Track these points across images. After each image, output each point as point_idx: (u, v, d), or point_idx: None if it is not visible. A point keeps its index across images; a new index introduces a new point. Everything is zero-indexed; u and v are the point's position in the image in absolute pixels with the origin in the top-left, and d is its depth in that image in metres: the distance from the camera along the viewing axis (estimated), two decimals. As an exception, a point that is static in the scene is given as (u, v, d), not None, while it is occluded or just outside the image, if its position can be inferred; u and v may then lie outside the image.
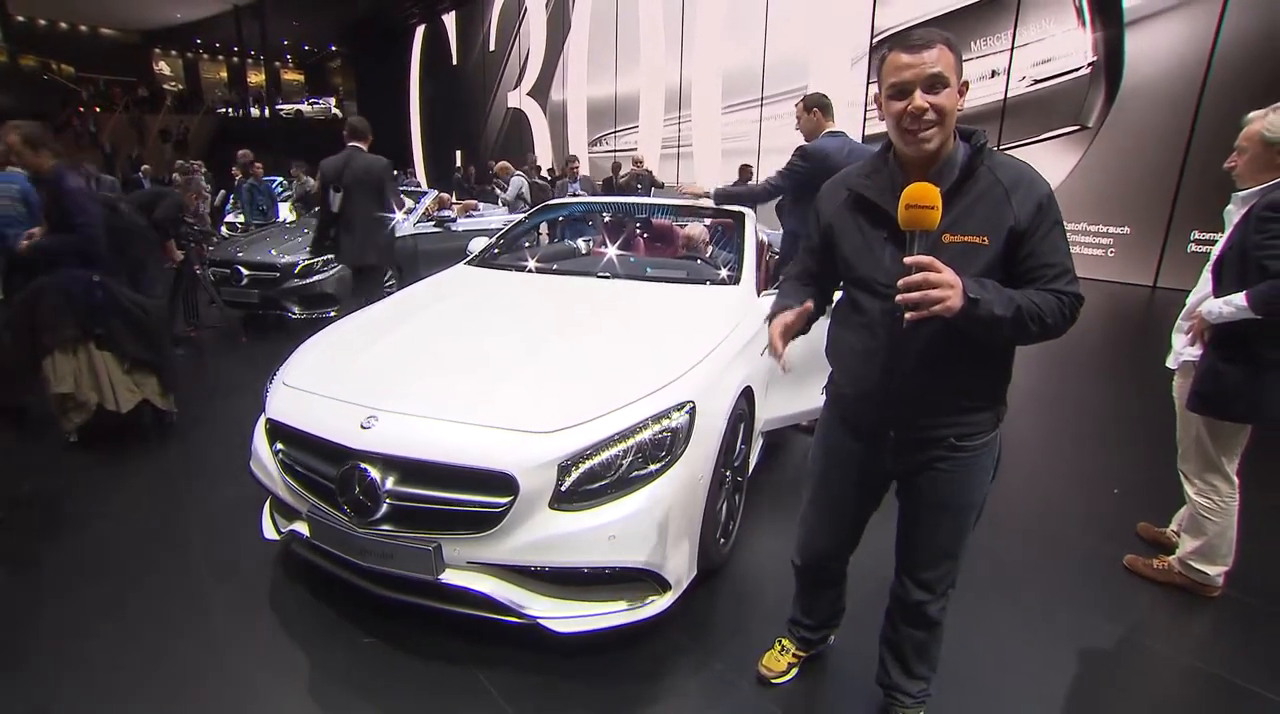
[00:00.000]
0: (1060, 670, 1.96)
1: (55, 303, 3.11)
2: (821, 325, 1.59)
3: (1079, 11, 8.66)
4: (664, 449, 1.86)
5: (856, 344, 1.41)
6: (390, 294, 3.11)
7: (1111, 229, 8.85)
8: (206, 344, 5.54)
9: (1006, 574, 2.44)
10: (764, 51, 12.71)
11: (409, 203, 7.07)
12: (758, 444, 2.80)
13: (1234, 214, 2.05)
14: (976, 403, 1.37)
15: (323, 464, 1.92)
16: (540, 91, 18.72)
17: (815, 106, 3.70)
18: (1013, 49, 9.28)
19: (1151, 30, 8.15)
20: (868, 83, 11.15)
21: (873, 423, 1.45)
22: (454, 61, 22.38)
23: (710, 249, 3.71)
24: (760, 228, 3.48)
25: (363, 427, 1.83)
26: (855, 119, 11.26)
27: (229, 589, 2.26)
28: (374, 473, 1.79)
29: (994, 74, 9.47)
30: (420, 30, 23.56)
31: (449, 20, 22.14)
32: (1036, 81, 9.13)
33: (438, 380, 2.02)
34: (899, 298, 1.16)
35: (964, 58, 1.30)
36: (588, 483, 1.78)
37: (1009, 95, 9.38)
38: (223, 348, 5.49)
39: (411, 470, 1.79)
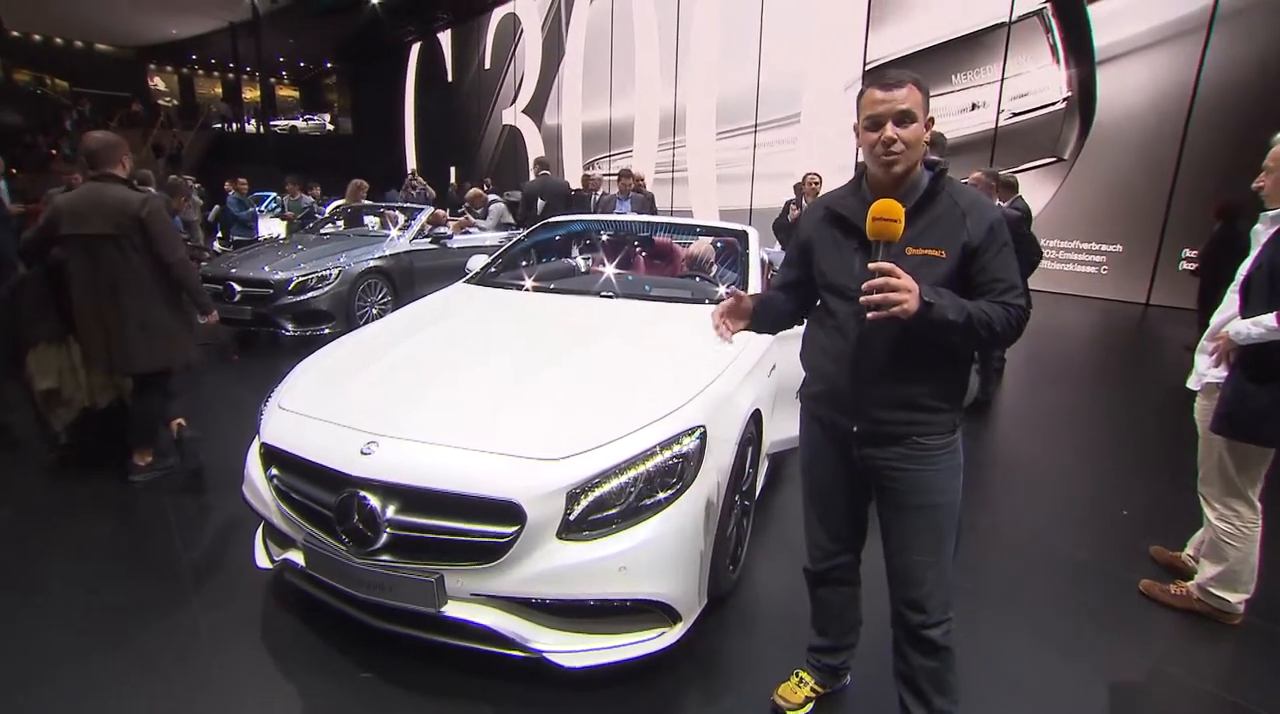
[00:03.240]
0: (1080, 699, 1.91)
1: (37, 297, 3.06)
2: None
3: (1053, 49, 9.05)
4: (675, 476, 1.80)
5: (827, 344, 1.55)
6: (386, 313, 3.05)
7: (1104, 247, 8.94)
8: (198, 361, 5.44)
9: (1019, 598, 2.38)
10: (758, 78, 12.85)
11: (403, 219, 7.06)
12: (764, 466, 2.75)
13: (1261, 234, 2.04)
14: (935, 403, 1.48)
15: (320, 491, 1.85)
16: (535, 110, 18.84)
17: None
18: (1003, 81, 9.50)
19: (1123, 68, 8.50)
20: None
21: (841, 419, 1.55)
22: (449, 79, 22.52)
23: (714, 268, 3.68)
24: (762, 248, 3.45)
25: (362, 453, 1.77)
26: (848, 148, 11.40)
27: (218, 619, 2.17)
28: (374, 501, 1.72)
29: (974, 107, 9.77)
30: (416, 47, 23.72)
31: (444, 38, 22.31)
32: (1015, 115, 9.43)
33: (440, 404, 1.96)
34: (863, 299, 1.31)
35: (948, 91, 1.43)
36: (597, 512, 1.72)
37: (984, 129, 9.64)
38: (214, 365, 5.39)
39: (413, 499, 1.73)
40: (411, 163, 24.60)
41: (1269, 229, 2.00)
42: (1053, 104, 9.11)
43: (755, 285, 3.02)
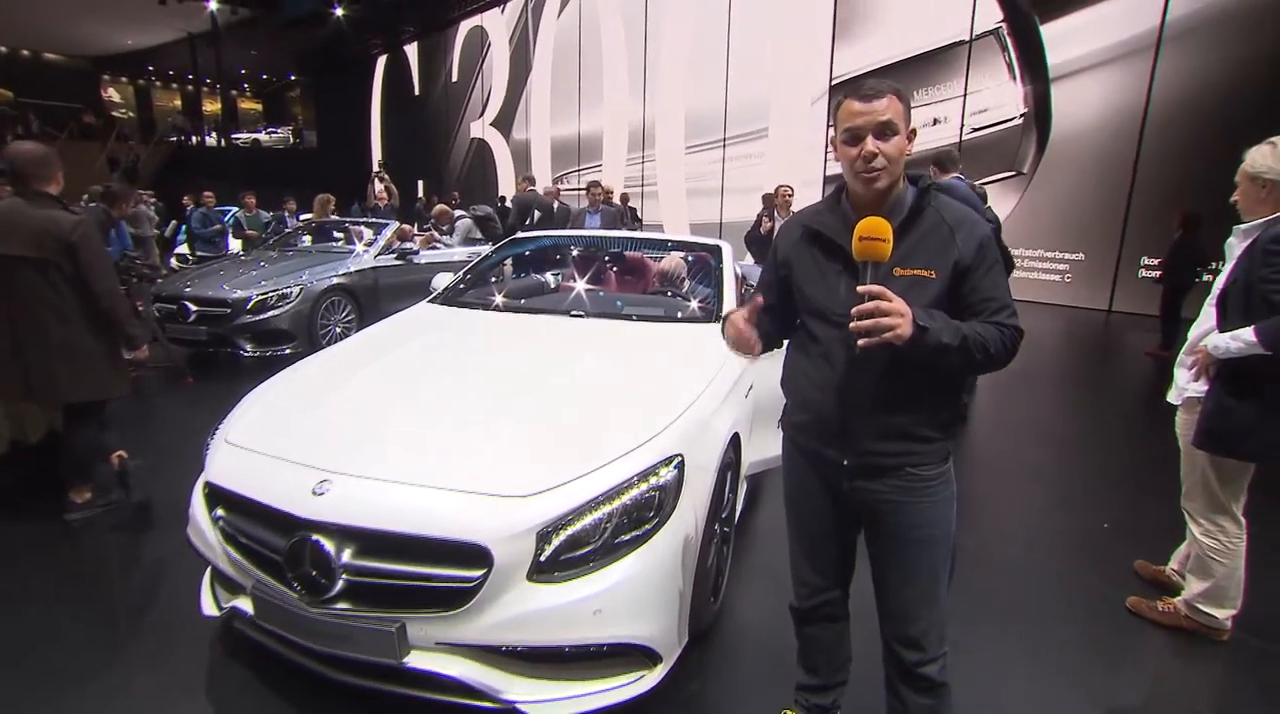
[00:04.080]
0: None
1: None
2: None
3: (1009, 67, 9.35)
4: (652, 510, 1.70)
5: (813, 373, 1.46)
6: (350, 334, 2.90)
7: (1067, 256, 9.16)
8: (149, 386, 5.18)
9: (1007, 619, 2.33)
10: (726, 92, 12.95)
11: (369, 234, 6.88)
12: (742, 488, 2.67)
13: (1235, 247, 2.03)
14: (927, 432, 1.40)
15: (269, 534, 1.70)
16: (504, 124, 18.74)
17: (934, 164, 4.22)
18: (965, 97, 9.72)
19: (1076, 84, 8.81)
20: (827, 126, 11.43)
21: (829, 451, 1.47)
22: (416, 92, 22.30)
23: (686, 283, 3.61)
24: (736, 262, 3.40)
25: (315, 493, 1.64)
26: (816, 162, 11.54)
27: (160, 673, 1.99)
28: (328, 545, 1.59)
29: (936, 122, 10.03)
30: (381, 60, 23.46)
31: (411, 51, 22.10)
32: (975, 130, 9.67)
33: (399, 437, 1.83)
34: (852, 325, 1.24)
35: (911, 106, 1.38)
36: (569, 551, 1.61)
37: (945, 143, 9.85)
38: (167, 390, 5.14)
39: (371, 542, 1.60)
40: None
41: (1242, 243, 2.00)
42: (1010, 120, 9.39)
43: (730, 301, 2.95)
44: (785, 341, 1.63)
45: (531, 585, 1.59)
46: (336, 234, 7.29)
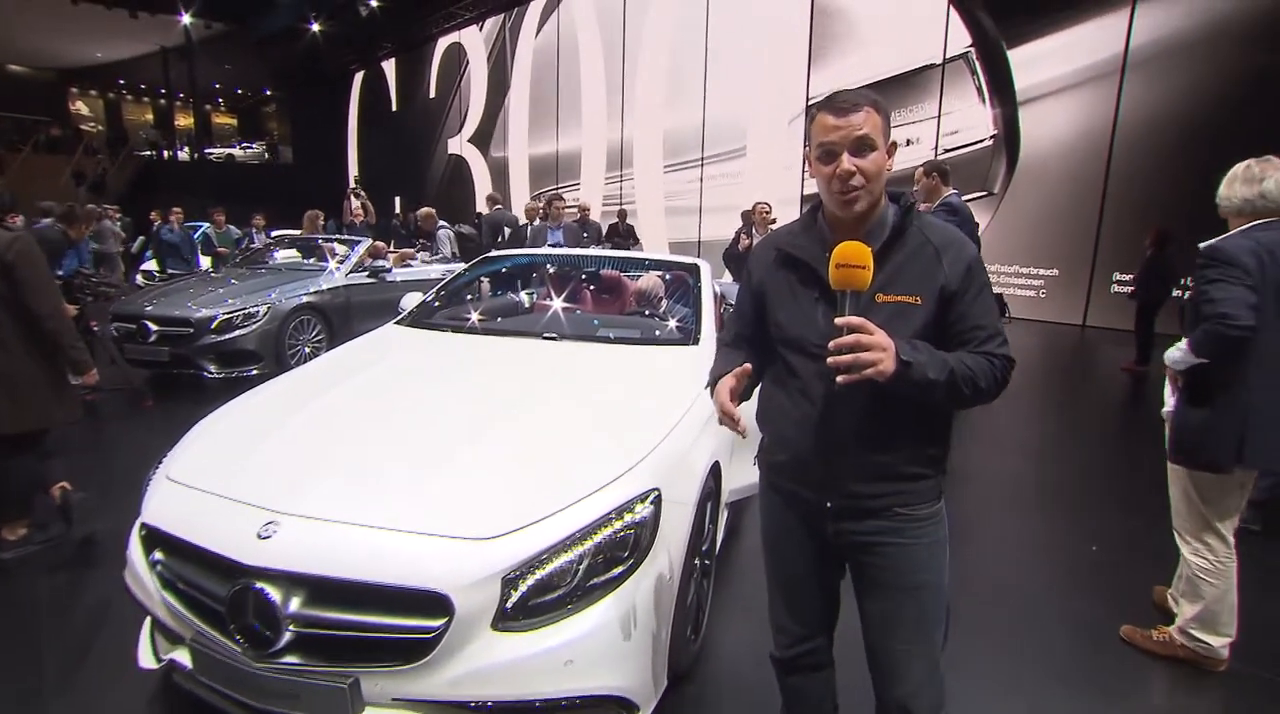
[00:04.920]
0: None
1: None
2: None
3: (979, 90, 9.56)
4: (627, 549, 1.60)
5: (791, 409, 1.35)
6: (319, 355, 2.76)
7: (1042, 271, 9.31)
8: (104, 409, 4.94)
9: (988, 648, 2.25)
10: (704, 111, 13.03)
11: (342, 251, 6.72)
12: (723, 517, 2.57)
13: None
14: (917, 470, 1.30)
15: (210, 581, 1.56)
16: (481, 141, 18.68)
17: (935, 171, 4.14)
18: (939, 118, 9.89)
19: (1044, 108, 9.02)
20: (804, 146, 11.54)
21: (810, 493, 1.36)
22: (394, 108, 22.18)
23: (664, 304, 3.53)
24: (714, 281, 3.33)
25: (260, 536, 1.50)
26: (793, 181, 11.63)
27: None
28: (273, 594, 1.45)
29: (909, 142, 10.19)
30: (359, 76, 23.32)
31: (388, 67, 22.00)
32: (947, 151, 9.85)
33: (355, 473, 1.70)
34: (830, 361, 1.14)
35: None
36: (538, 596, 1.50)
37: (904, 168, 10.08)
38: (124, 413, 4.91)
39: (321, 590, 1.47)
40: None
41: None
42: (981, 141, 9.59)
43: (708, 320, 2.87)
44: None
45: (497, 635, 1.47)
46: (311, 249, 7.13)
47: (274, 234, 9.44)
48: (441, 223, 8.29)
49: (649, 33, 13.91)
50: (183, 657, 1.66)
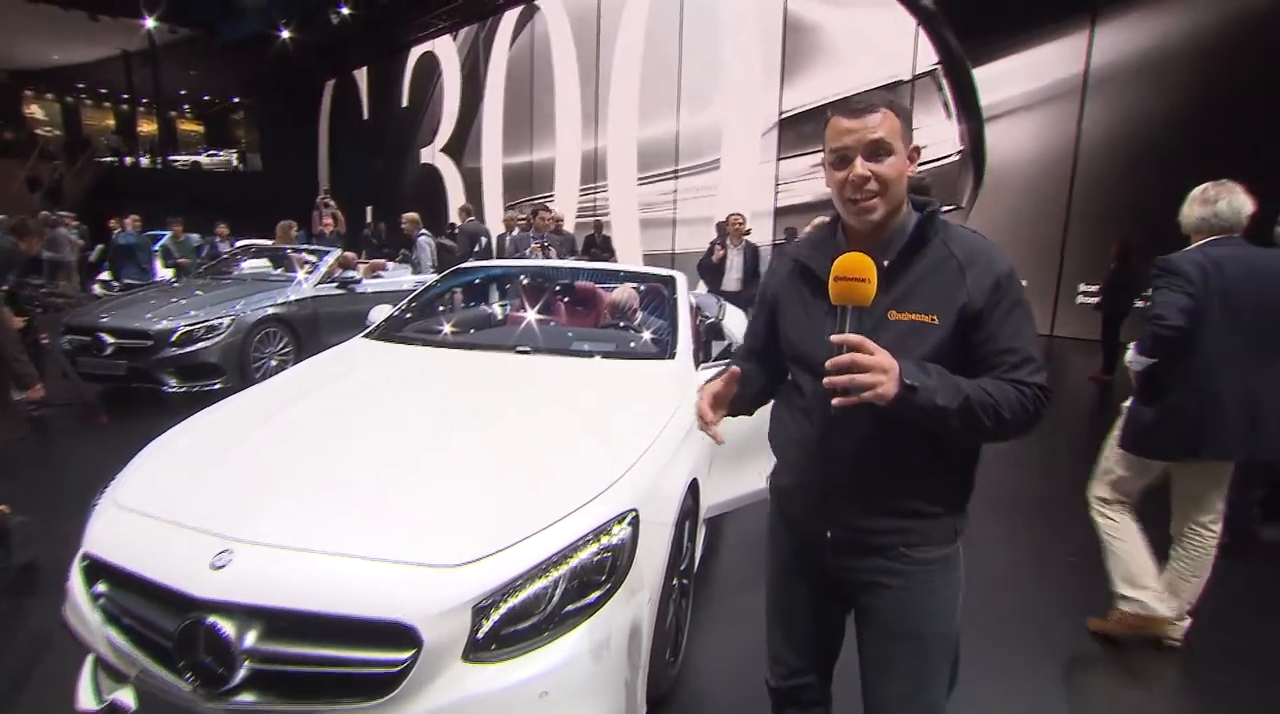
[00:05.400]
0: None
1: None
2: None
3: (946, 106, 9.80)
4: (604, 573, 1.54)
5: (794, 430, 1.28)
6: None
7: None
8: (53, 426, 4.72)
9: (988, 672, 2.23)
10: (678, 124, 13.10)
11: (311, 261, 6.57)
12: (701, 533, 2.52)
13: None
14: (927, 507, 1.19)
15: (158, 615, 1.46)
16: (455, 151, 18.54)
17: (912, 189, 4.32)
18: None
19: (1008, 124, 9.28)
20: (777, 159, 11.69)
21: (811, 521, 1.28)
22: (365, 116, 21.92)
23: (639, 316, 3.48)
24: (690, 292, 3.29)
25: (213, 566, 1.41)
26: (768, 192, 11.74)
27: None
28: (227, 629, 1.36)
29: None
30: (330, 84, 23.02)
31: (360, 75, 21.76)
32: (917, 166, 10.05)
33: (317, 497, 1.61)
34: (825, 381, 1.05)
35: None
36: (511, 625, 1.43)
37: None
38: (75, 430, 4.69)
39: (279, 623, 1.38)
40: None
41: None
42: (949, 156, 9.80)
43: (684, 333, 2.83)
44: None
45: (467, 667, 1.40)
46: (279, 259, 6.97)
47: (239, 243, 9.20)
48: (424, 230, 8.16)
49: (623, 44, 13.98)
50: (127, 697, 1.55)
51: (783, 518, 1.37)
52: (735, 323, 4.59)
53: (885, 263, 1.15)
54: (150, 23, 18.80)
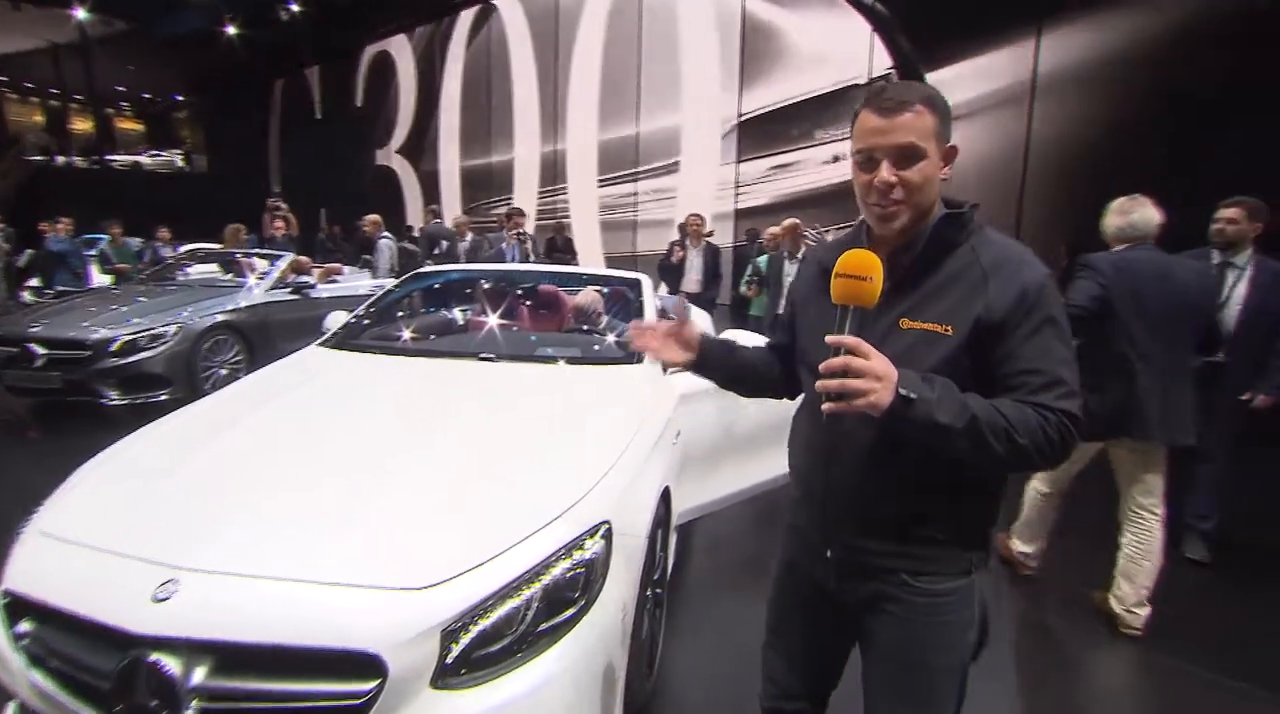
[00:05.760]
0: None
1: None
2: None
3: (890, 113, 10.05)
4: (578, 589, 1.48)
5: (805, 437, 1.23)
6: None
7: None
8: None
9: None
10: (637, 125, 13.09)
11: (263, 266, 6.32)
12: (673, 540, 2.49)
13: None
14: (936, 533, 1.10)
15: (93, 656, 1.35)
16: (411, 152, 18.17)
17: None
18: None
19: (960, 127, 9.56)
20: (738, 160, 11.77)
21: (814, 533, 1.21)
22: (318, 117, 21.30)
23: (604, 320, 3.43)
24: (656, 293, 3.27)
25: (155, 599, 1.31)
26: (727, 198, 11.82)
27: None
28: (172, 667, 1.26)
29: (835, 159, 10.46)
30: (280, 83, 22.30)
31: (312, 74, 21.13)
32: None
33: (270, 518, 1.51)
34: (817, 385, 0.98)
35: (812, 143, 1.15)
36: (483, 647, 1.36)
37: (847, 179, 10.40)
38: (2, 449, 4.39)
39: (231, 656, 1.29)
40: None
41: None
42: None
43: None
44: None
45: (437, 694, 1.32)
46: (230, 264, 6.69)
47: (185, 248, 8.80)
48: (385, 233, 7.91)
49: (582, 46, 13.91)
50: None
51: (792, 530, 1.30)
52: (701, 325, 4.60)
53: (903, 267, 1.09)
54: (80, 13, 17.86)
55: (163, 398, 4.98)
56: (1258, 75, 5.93)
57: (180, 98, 29.92)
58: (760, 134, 11.38)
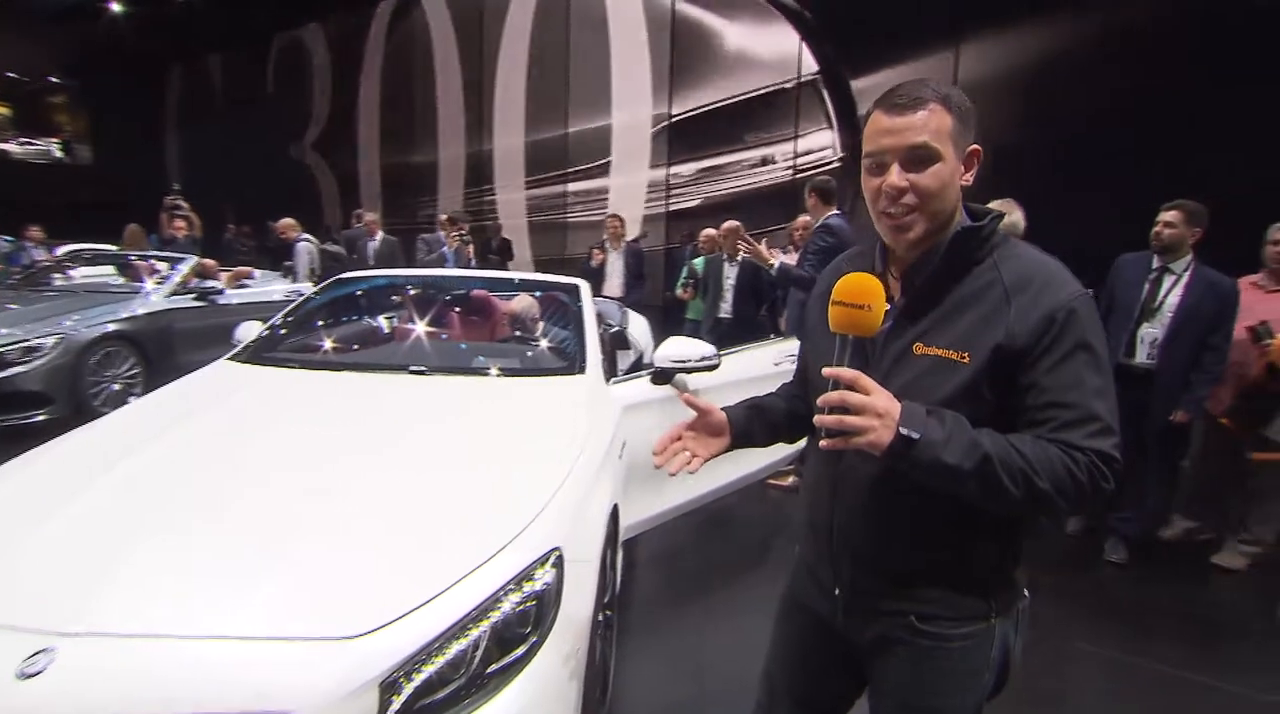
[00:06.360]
0: None
1: None
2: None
3: (826, 115, 10.28)
4: (529, 624, 1.37)
5: (811, 467, 1.19)
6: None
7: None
8: None
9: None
10: (566, 125, 12.94)
11: (163, 269, 5.79)
12: (619, 556, 2.40)
13: None
14: (950, 577, 1.02)
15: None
16: (327, 148, 17.28)
17: (815, 190, 4.15)
18: (796, 138, 10.56)
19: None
20: (668, 162, 11.81)
21: (821, 568, 1.14)
22: (222, 108, 19.91)
23: (541, 326, 3.30)
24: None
25: (22, 675, 1.10)
26: (659, 201, 11.85)
27: None
28: (45, 752, 1.07)
29: (765, 162, 10.69)
30: (178, 69, 20.71)
31: (214, 61, 19.74)
32: (801, 170, 10.54)
33: (171, 566, 1.32)
34: (815, 419, 0.92)
35: (742, 146, 1.07)
36: (427, 696, 1.23)
37: (777, 182, 10.55)
38: None
39: (122, 732, 1.11)
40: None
41: None
42: (831, 162, 10.33)
43: (592, 345, 2.70)
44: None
45: (375, 754, 1.19)
46: (123, 267, 6.11)
47: (65, 249, 7.96)
48: (305, 235, 7.38)
49: (508, 41, 13.62)
50: None
51: (800, 563, 1.22)
52: (639, 331, 4.53)
53: (917, 285, 1.00)
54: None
55: (40, 419, 4.49)
56: (1178, 85, 6.43)
57: (56, 80, 27.25)
58: (692, 136, 11.47)
